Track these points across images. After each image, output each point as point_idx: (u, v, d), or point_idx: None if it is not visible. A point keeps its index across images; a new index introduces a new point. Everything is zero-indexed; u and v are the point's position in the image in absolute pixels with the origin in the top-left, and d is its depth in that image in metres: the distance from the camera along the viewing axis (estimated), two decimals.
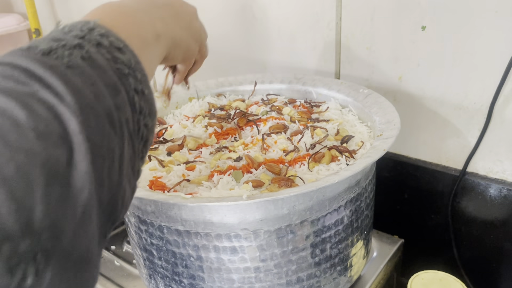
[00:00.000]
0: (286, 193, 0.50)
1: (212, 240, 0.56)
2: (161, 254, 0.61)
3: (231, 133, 0.74)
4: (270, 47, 0.98)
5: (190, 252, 0.58)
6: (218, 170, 0.63)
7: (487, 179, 0.78)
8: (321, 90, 0.83)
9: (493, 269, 0.82)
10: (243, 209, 0.54)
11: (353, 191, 0.60)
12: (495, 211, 0.78)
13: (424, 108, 0.81)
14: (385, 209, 0.89)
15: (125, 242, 0.89)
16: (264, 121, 0.74)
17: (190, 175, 0.63)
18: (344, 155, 0.62)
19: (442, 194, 0.84)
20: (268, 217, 0.55)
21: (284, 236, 0.56)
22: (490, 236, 0.80)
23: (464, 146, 0.79)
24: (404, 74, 0.80)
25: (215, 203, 0.50)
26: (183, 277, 0.61)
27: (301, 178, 0.58)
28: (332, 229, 0.59)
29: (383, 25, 0.79)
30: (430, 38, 0.75)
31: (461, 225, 0.83)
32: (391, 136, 0.60)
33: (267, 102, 0.84)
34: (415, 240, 0.88)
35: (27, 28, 1.57)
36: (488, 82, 0.72)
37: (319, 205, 0.57)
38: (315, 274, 0.61)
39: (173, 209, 0.56)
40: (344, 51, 0.87)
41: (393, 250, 0.80)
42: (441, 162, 0.83)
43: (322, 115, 0.77)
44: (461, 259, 0.85)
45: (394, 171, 0.88)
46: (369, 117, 0.72)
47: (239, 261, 0.57)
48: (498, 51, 0.69)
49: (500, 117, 0.73)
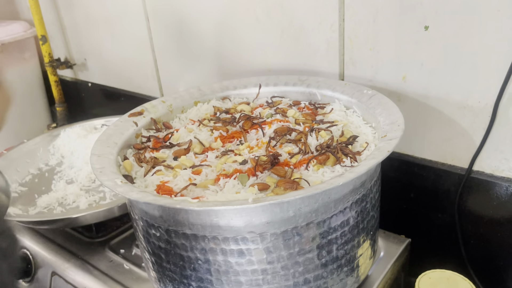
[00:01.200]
0: (292, 196, 0.51)
1: (219, 243, 0.57)
2: (169, 258, 0.62)
3: (236, 136, 0.74)
4: (274, 49, 0.99)
5: (198, 255, 0.59)
6: (224, 173, 0.63)
7: (493, 177, 0.78)
8: (326, 91, 0.83)
9: (501, 267, 0.82)
10: (249, 212, 0.55)
11: (358, 193, 0.60)
12: (501, 209, 0.78)
13: (429, 107, 0.81)
14: (392, 209, 0.90)
15: (134, 246, 0.90)
16: (269, 124, 0.75)
17: (197, 179, 0.63)
18: (349, 157, 0.63)
19: (448, 193, 0.84)
20: (274, 220, 0.55)
21: (291, 238, 0.57)
22: (497, 234, 0.80)
23: (469, 145, 0.79)
24: (408, 74, 0.81)
25: (221, 207, 0.51)
26: (192, 280, 0.62)
27: (306, 181, 0.58)
28: (338, 230, 0.60)
29: (386, 26, 0.80)
30: (433, 38, 0.75)
31: (468, 224, 0.83)
32: (395, 137, 0.60)
33: (272, 104, 0.85)
34: (422, 239, 0.88)
35: (33, 35, 1.59)
36: (492, 81, 0.72)
37: (325, 207, 0.57)
38: (322, 275, 0.61)
39: (180, 214, 0.57)
40: (347, 52, 0.87)
41: (400, 249, 0.81)
42: (446, 161, 0.83)
43: (327, 116, 0.77)
44: (468, 258, 0.85)
45: (400, 171, 0.89)
46: (374, 118, 0.72)
47: (246, 263, 0.58)
48: (502, 50, 0.69)
49: (505, 116, 0.73)
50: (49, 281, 0.90)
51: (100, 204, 0.92)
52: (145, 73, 1.35)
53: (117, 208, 0.86)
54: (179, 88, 1.25)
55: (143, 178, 0.66)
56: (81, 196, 0.95)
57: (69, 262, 0.87)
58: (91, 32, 1.48)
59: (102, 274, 0.83)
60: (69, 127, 1.21)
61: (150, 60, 1.31)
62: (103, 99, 1.59)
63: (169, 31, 1.20)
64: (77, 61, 1.61)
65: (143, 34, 1.28)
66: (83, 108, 1.69)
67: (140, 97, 1.39)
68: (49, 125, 1.58)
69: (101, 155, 0.68)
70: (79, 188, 0.98)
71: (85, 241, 0.94)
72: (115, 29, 1.37)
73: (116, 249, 0.90)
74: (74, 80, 1.67)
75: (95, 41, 1.48)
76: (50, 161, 1.14)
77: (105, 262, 0.86)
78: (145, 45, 1.29)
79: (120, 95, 1.48)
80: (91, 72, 1.58)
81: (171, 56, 1.24)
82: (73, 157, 1.11)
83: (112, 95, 1.52)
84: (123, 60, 1.41)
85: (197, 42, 1.14)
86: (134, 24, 1.29)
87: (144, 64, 1.33)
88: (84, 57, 1.58)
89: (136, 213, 0.64)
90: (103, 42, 1.45)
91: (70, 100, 1.66)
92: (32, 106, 1.67)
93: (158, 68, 1.30)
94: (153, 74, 1.32)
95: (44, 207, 0.94)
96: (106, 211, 0.85)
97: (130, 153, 0.74)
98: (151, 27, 1.24)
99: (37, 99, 1.70)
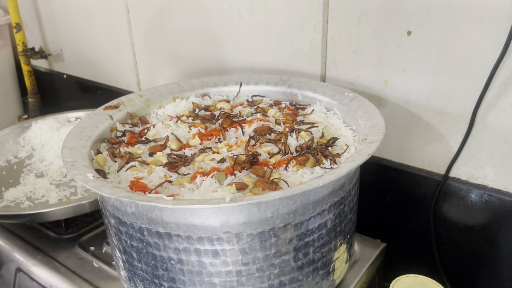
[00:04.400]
0: (270, 196, 0.50)
1: (194, 243, 0.55)
2: (141, 257, 0.60)
3: (215, 134, 0.73)
4: (256, 48, 0.97)
5: (171, 255, 0.57)
6: (201, 171, 0.62)
7: (468, 184, 0.78)
8: (307, 92, 0.83)
9: (473, 273, 0.83)
10: (225, 212, 0.53)
11: (337, 195, 0.60)
12: (475, 216, 0.79)
13: (409, 112, 0.81)
14: (368, 213, 0.90)
15: (104, 243, 0.87)
16: (249, 123, 0.73)
17: (172, 176, 0.61)
18: (329, 159, 0.62)
19: (425, 198, 0.84)
20: (251, 220, 0.54)
21: (267, 240, 0.56)
22: (471, 240, 0.81)
23: (447, 151, 0.79)
24: (389, 78, 0.81)
25: (197, 206, 0.49)
26: (163, 280, 0.60)
27: (285, 181, 0.57)
28: (316, 233, 0.59)
29: (369, 29, 0.80)
30: (415, 43, 0.75)
31: (442, 230, 0.84)
32: (375, 140, 0.60)
33: (252, 103, 0.83)
34: (397, 244, 0.88)
35: (7, 23, 1.53)
36: (472, 88, 0.72)
37: (303, 209, 0.56)
38: (298, 278, 0.60)
39: (154, 211, 0.55)
40: (330, 54, 0.87)
41: (375, 253, 0.80)
42: (424, 167, 0.83)
43: (307, 117, 0.76)
44: (442, 263, 0.85)
45: (377, 175, 0.89)
46: (354, 121, 0.71)
47: (220, 264, 0.56)
48: (482, 58, 0.70)
49: (482, 123, 0.73)
50: (13, 278, 0.86)
51: (71, 200, 0.89)
52: (123, 67, 1.32)
53: (88, 204, 0.83)
54: (158, 84, 1.23)
55: (117, 174, 0.64)
56: (51, 190, 0.92)
57: (35, 258, 0.84)
58: (68, 22, 1.43)
59: (69, 272, 0.80)
60: (41, 119, 1.17)
61: (129, 54, 1.28)
62: (79, 92, 1.54)
63: (150, 25, 1.18)
64: (52, 52, 1.56)
65: (122, 26, 1.25)
66: (57, 100, 1.64)
67: (117, 91, 1.36)
68: (20, 116, 1.53)
69: (73, 148, 0.65)
70: (49, 182, 0.95)
71: (54, 237, 0.90)
72: (94, 20, 1.33)
73: (86, 247, 0.87)
74: (49, 71, 1.62)
75: (72, 31, 1.44)
76: (20, 153, 1.10)
77: (73, 260, 0.83)
78: (124, 38, 1.26)
79: (97, 88, 1.44)
80: (67, 63, 1.54)
81: (151, 51, 1.22)
82: (45, 150, 1.07)
83: (88, 88, 1.48)
84: (101, 52, 1.37)
85: (178, 38, 1.12)
86: (114, 16, 1.25)
87: (123, 57, 1.30)
88: (60, 47, 1.53)
89: (108, 209, 0.62)
90: (80, 33, 1.41)
91: (44, 91, 1.61)
92: (3, 96, 1.61)
93: (137, 62, 1.27)
94: (132, 68, 1.29)
95: (11, 201, 0.90)
96: (76, 206, 0.82)
97: (104, 147, 0.72)
98: (131, 20, 1.21)
99: (9, 89, 1.64)
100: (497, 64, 0.68)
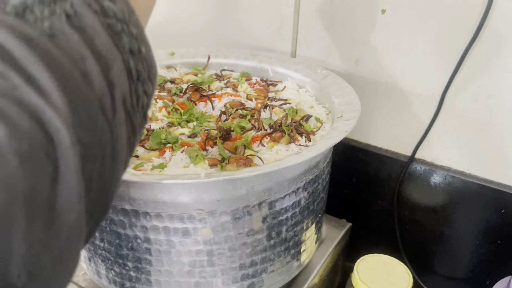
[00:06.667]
0: (247, 172, 0.47)
1: (163, 221, 0.52)
2: (103, 235, 0.56)
3: (182, 108, 0.69)
4: (224, 21, 0.93)
5: (137, 233, 0.53)
6: (170, 146, 0.58)
7: (433, 166, 0.80)
8: (278, 68, 0.80)
9: (432, 252, 0.85)
10: (199, 188, 0.50)
11: (312, 173, 0.58)
12: (438, 197, 0.80)
13: (378, 93, 0.80)
14: (333, 193, 0.89)
15: None
16: (219, 97, 0.70)
17: (139, 151, 0.57)
18: (304, 136, 0.60)
19: (389, 179, 0.85)
20: (225, 198, 0.51)
21: (241, 218, 0.53)
22: (431, 221, 0.83)
23: (414, 133, 0.80)
24: (360, 57, 0.80)
25: (170, 181, 0.46)
26: (128, 260, 0.56)
27: (260, 158, 0.55)
28: (290, 211, 0.57)
29: (343, 5, 0.78)
30: (388, 22, 0.75)
31: (405, 211, 0.85)
32: (352, 118, 0.58)
33: (222, 78, 0.80)
34: (360, 224, 0.89)
35: None
36: (442, 70, 0.73)
37: (278, 186, 0.54)
38: (269, 257, 0.58)
39: (120, 187, 0.51)
40: (301, 30, 0.84)
41: (341, 233, 0.80)
42: (390, 148, 0.84)
43: (279, 94, 0.74)
44: (403, 243, 0.87)
45: (344, 155, 0.88)
46: (327, 99, 0.70)
47: (191, 243, 0.53)
48: (454, 39, 0.70)
49: (450, 106, 0.74)
50: None
51: None
52: None
53: None
54: None
55: None
56: None
57: None
58: None
59: None
60: None
61: None
62: None
63: None
64: None
65: None
66: None
67: None
68: None
69: None
70: None
71: None
72: None
73: None
74: None
75: None
76: None
77: None
78: None
79: None
80: None
81: None
82: None
83: None
84: None
85: None
86: None
87: None
88: None
89: None
90: None
91: None
92: None
93: None
94: None
95: None
96: None
97: None
98: None
99: None
100: (468, 47, 0.68)
